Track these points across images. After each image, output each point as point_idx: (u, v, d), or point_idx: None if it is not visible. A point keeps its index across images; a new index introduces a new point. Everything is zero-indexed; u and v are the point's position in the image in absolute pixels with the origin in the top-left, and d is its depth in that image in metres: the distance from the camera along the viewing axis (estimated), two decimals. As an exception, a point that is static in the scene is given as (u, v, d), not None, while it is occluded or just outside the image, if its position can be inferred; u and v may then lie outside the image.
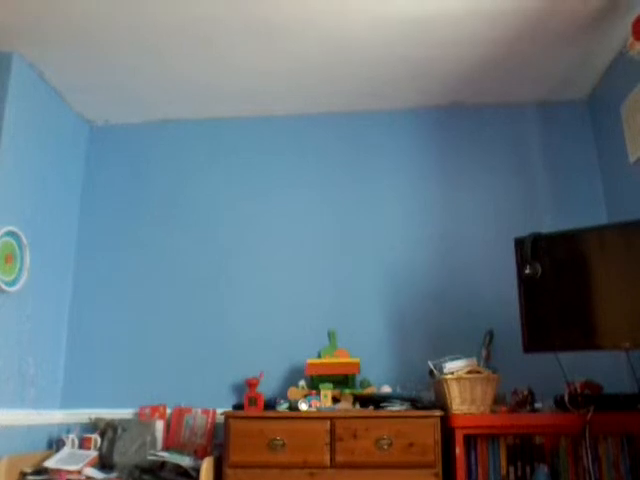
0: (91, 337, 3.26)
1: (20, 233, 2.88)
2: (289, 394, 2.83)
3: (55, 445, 2.98)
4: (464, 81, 3.18)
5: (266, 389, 2.91)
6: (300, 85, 3.23)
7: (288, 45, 2.88)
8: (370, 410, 2.63)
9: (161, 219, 3.42)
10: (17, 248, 2.87)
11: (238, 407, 2.82)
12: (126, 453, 2.80)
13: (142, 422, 2.95)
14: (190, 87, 3.25)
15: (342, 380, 2.83)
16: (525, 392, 2.58)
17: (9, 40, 2.84)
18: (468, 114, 3.39)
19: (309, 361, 2.88)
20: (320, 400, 2.67)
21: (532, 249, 2.60)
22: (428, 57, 2.98)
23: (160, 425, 2.95)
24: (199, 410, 3.01)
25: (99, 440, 2.91)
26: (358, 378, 2.89)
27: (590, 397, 2.41)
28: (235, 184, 3.43)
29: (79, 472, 2.69)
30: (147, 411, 3.04)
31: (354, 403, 2.72)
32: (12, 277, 2.83)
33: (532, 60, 3.00)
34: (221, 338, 3.17)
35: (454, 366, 2.58)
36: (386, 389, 2.82)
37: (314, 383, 2.83)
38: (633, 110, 2.78)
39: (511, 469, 2.45)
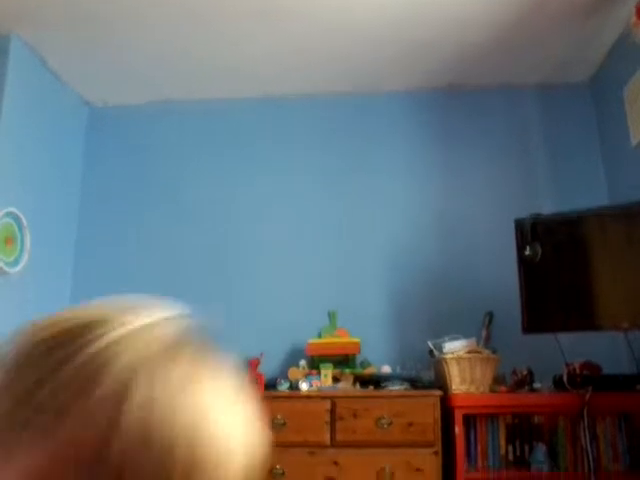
0: (92, 318, 3.27)
1: (20, 215, 2.87)
2: (289, 374, 2.85)
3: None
4: (464, 63, 3.16)
5: (267, 369, 2.92)
6: (301, 66, 3.21)
7: (289, 25, 2.86)
8: (370, 390, 2.64)
9: (162, 202, 3.42)
10: (17, 230, 2.87)
11: (239, 387, 2.83)
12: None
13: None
14: (191, 67, 3.22)
15: (342, 360, 2.85)
16: (524, 372, 2.59)
17: (7, 22, 2.81)
18: (468, 96, 3.38)
19: (309, 341, 2.89)
20: (320, 380, 2.69)
21: (532, 231, 2.61)
22: (428, 39, 2.96)
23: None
24: (200, 390, 3.02)
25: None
26: (358, 358, 2.90)
27: (589, 377, 2.43)
28: (236, 166, 3.42)
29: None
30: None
31: (354, 383, 2.73)
32: (12, 258, 2.83)
33: (533, 42, 2.99)
34: (222, 319, 3.18)
35: (454, 346, 2.59)
36: (386, 369, 2.83)
37: (314, 363, 2.84)
38: (636, 93, 2.77)
39: (510, 448, 2.47)
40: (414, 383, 2.64)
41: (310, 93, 3.43)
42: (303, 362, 2.91)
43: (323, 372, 2.71)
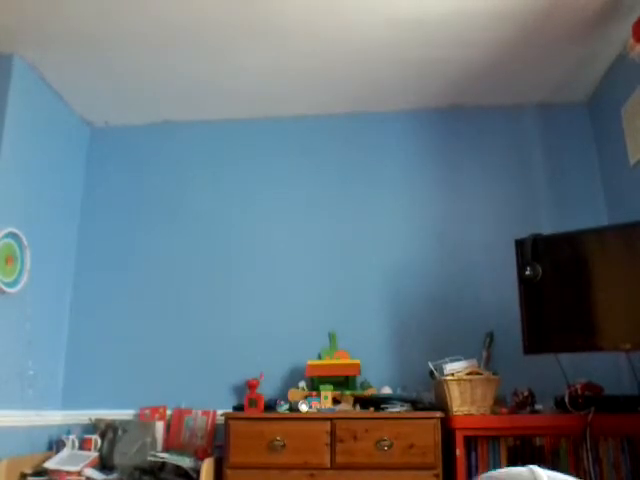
0: (91, 338, 3.26)
1: (21, 234, 2.88)
2: (289, 395, 2.83)
3: (55, 446, 2.97)
4: (465, 83, 3.19)
5: (266, 390, 2.91)
6: (302, 86, 3.23)
7: (290, 46, 2.88)
8: (370, 411, 2.63)
9: (162, 221, 3.42)
10: (17, 249, 2.87)
11: (238, 408, 2.82)
12: (126, 454, 2.80)
13: (142, 423, 2.95)
14: (191, 89, 3.25)
15: (342, 381, 2.83)
16: (525, 393, 2.58)
17: (10, 42, 2.84)
18: (468, 116, 3.39)
19: (309, 362, 2.88)
20: (320, 401, 2.67)
21: (532, 250, 2.60)
22: (428, 59, 2.98)
23: (160, 426, 2.95)
24: (199, 411, 3.01)
25: (99, 441, 2.91)
26: (358, 379, 2.89)
27: (590, 398, 2.41)
28: (235, 186, 3.43)
29: (79, 473, 2.69)
30: (147, 412, 3.03)
31: (354, 404, 2.71)
32: (12, 278, 2.83)
33: (532, 62, 3.01)
34: (221, 339, 3.17)
35: (454, 367, 2.58)
36: (386, 390, 2.82)
37: (314, 384, 2.83)
38: (633, 112, 2.78)
39: (511, 470, 2.44)
40: (415, 404, 2.62)
41: (310, 114, 3.46)
42: (303, 383, 2.90)
43: (323, 393, 2.69)
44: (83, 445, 2.92)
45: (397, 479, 2.42)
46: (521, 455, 2.46)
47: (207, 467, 2.56)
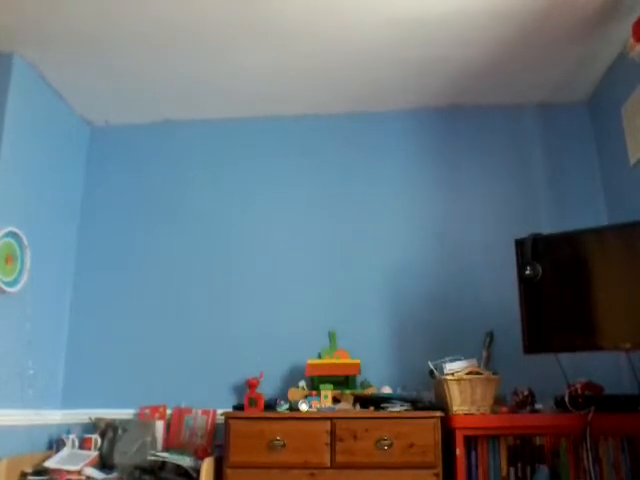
0: (91, 337, 3.26)
1: (21, 234, 2.88)
2: (289, 395, 2.83)
3: (55, 445, 2.97)
4: (464, 82, 3.19)
5: (266, 390, 2.91)
6: (302, 86, 3.23)
7: (290, 46, 2.88)
8: (370, 411, 2.62)
9: (162, 220, 3.42)
10: (18, 249, 2.87)
11: (238, 408, 2.82)
12: (126, 453, 2.80)
13: (142, 422, 2.95)
14: (191, 88, 3.25)
15: (342, 381, 2.84)
16: (525, 393, 2.58)
17: (10, 41, 2.84)
18: (468, 116, 3.40)
19: (309, 362, 2.88)
20: (320, 401, 2.67)
21: (532, 250, 2.60)
22: (428, 58, 2.98)
23: (160, 425, 2.95)
24: (199, 411, 3.01)
25: (99, 440, 2.91)
26: (358, 379, 2.89)
27: (591, 398, 2.41)
28: (235, 186, 3.43)
29: (79, 472, 2.69)
30: (147, 411, 3.03)
31: (354, 404, 2.71)
32: (12, 278, 2.83)
33: (532, 62, 3.01)
34: (221, 338, 3.17)
35: (454, 367, 2.58)
36: (386, 390, 2.82)
37: (314, 384, 2.83)
38: (633, 112, 2.78)
39: (511, 470, 2.44)
40: (415, 404, 2.62)
41: (310, 114, 3.46)
42: (303, 383, 2.90)
43: (323, 393, 2.69)
44: (83, 444, 2.92)
45: (397, 478, 2.42)
46: (521, 455, 2.46)
47: (207, 466, 2.56)
